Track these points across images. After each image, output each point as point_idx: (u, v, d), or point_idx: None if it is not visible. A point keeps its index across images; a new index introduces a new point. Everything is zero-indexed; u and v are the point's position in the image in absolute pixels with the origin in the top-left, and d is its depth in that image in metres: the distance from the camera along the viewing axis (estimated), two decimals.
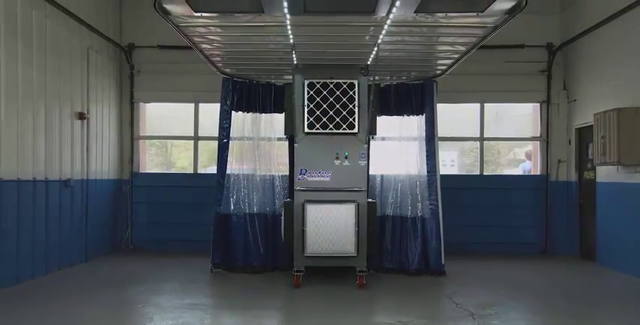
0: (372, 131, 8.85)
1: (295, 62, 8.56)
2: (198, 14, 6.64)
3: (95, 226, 10.60)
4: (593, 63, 10.57)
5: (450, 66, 8.90)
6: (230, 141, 9.49)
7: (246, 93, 9.57)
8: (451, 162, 12.71)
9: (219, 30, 7.50)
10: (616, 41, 9.62)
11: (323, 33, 7.48)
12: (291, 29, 7.15)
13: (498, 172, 12.72)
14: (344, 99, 8.46)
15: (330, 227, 8.20)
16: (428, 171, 9.23)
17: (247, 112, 9.64)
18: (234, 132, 9.56)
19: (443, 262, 9.09)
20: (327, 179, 8.50)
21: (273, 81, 9.74)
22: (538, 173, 11.98)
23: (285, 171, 9.64)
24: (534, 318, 6.63)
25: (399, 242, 9.40)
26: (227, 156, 9.45)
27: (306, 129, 8.51)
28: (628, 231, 9.18)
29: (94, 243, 10.58)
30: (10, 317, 6.36)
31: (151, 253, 11.22)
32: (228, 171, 9.49)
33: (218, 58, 8.79)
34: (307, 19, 6.89)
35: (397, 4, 6.11)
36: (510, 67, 11.66)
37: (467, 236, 11.22)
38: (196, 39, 7.68)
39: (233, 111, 9.50)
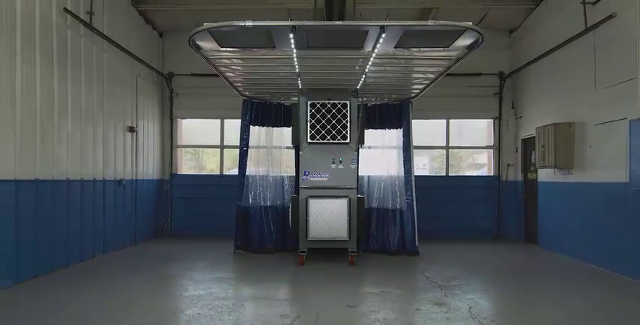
0: (360, 141, 8.88)
1: (300, 86, 8.59)
2: (224, 49, 6.67)
3: (142, 216, 10.61)
4: (535, 87, 10.59)
5: (423, 90, 8.91)
6: (248, 149, 9.50)
7: (261, 112, 9.59)
8: (423, 165, 12.69)
9: (240, 61, 7.51)
10: (552, 71, 9.65)
11: (322, 63, 7.49)
12: (296, 60, 7.18)
13: (460, 174, 12.71)
14: (338, 116, 8.50)
15: (328, 217, 8.23)
16: (405, 173, 9.23)
17: (262, 126, 9.66)
18: (251, 142, 9.56)
19: (417, 245, 9.09)
20: (326, 179, 8.52)
21: (282, 101, 9.77)
22: (492, 174, 12.00)
23: (292, 172, 9.63)
24: (488, 288, 6.62)
25: (382, 228, 9.40)
26: (246, 161, 9.45)
27: (309, 140, 8.54)
28: (563, 220, 9.19)
29: (141, 230, 10.59)
30: (75, 288, 6.39)
31: (186, 238, 11.23)
32: (247, 173, 9.49)
33: (239, 84, 8.80)
34: (309, 53, 6.91)
35: (380, 41, 6.15)
36: (470, 91, 11.70)
37: (435, 224, 11.22)
38: (222, 68, 7.70)
39: (251, 126, 9.51)
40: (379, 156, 9.73)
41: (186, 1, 10.46)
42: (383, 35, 5.91)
